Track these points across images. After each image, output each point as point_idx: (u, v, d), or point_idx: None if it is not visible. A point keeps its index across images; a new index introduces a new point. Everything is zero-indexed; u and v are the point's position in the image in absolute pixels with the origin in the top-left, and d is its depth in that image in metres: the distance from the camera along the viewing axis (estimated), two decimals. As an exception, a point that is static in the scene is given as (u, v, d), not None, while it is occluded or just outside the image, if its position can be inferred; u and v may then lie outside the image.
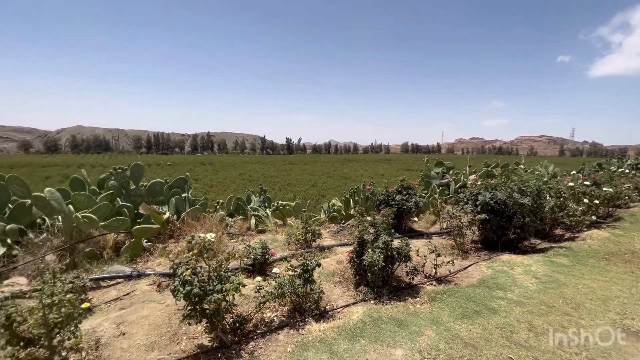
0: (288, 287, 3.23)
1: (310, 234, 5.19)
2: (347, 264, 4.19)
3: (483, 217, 5.07)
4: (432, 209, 7.40)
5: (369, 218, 4.30)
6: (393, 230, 4.28)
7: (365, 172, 41.29)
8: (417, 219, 7.27)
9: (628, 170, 11.40)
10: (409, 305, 3.51)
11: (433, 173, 8.91)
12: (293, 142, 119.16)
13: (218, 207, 6.31)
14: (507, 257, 5.02)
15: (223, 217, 5.84)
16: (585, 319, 3.21)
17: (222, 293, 2.66)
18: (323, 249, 5.10)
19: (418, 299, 3.66)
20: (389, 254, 3.75)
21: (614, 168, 11.97)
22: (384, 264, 3.69)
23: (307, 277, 3.25)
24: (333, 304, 3.62)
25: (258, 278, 3.25)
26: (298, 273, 3.24)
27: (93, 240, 4.97)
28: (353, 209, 7.58)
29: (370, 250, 3.76)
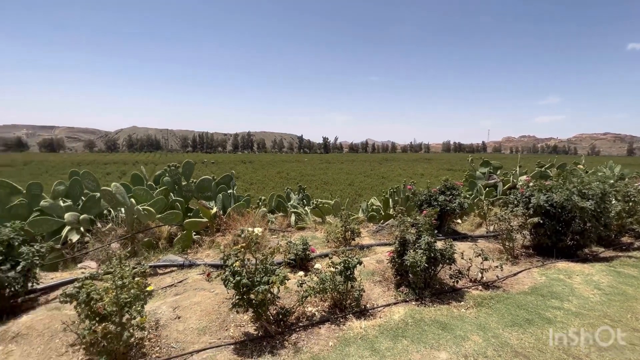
0: (329, 283, 3.30)
1: (350, 233, 5.21)
2: (387, 264, 4.16)
3: (536, 220, 4.74)
4: (477, 211, 7.05)
5: (410, 218, 4.23)
6: (436, 232, 4.17)
7: (404, 171, 40.26)
8: (460, 221, 6.97)
9: None
10: (453, 309, 3.40)
11: (478, 173, 8.46)
12: (330, 141, 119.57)
13: (260, 203, 6.57)
14: (563, 264, 4.65)
15: (265, 213, 6.08)
16: (659, 337, 2.89)
17: (268, 285, 2.79)
18: (362, 248, 5.10)
19: (463, 303, 3.54)
20: (432, 256, 3.66)
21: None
22: (427, 266, 3.61)
23: (348, 274, 3.28)
24: (373, 303, 3.62)
25: (300, 273, 3.36)
26: (339, 270, 3.29)
27: (150, 231, 5.44)
28: (392, 209, 7.47)
29: (412, 251, 3.70)
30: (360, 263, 3.37)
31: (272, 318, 3.16)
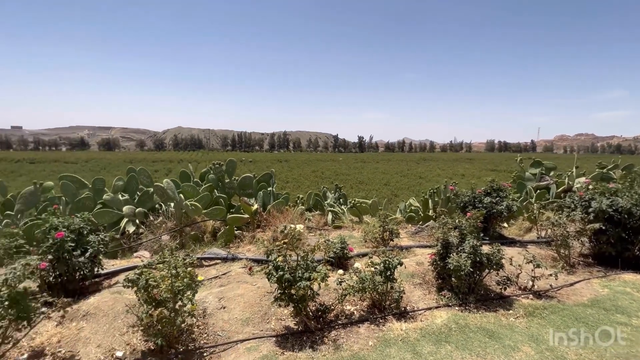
0: (369, 282, 3.28)
1: (388, 233, 5.13)
2: (428, 266, 4.04)
3: (597, 227, 4.32)
4: (526, 215, 6.59)
5: (455, 220, 4.06)
6: (482, 235, 3.97)
7: (443, 171, 38.69)
8: (507, 225, 6.56)
9: None
10: (501, 317, 3.22)
11: (528, 174, 7.89)
12: (365, 140, 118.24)
13: (298, 201, 6.69)
14: (630, 276, 4.19)
15: (303, 211, 6.19)
16: None
17: (309, 281, 2.84)
18: (401, 249, 5.00)
19: (512, 312, 3.33)
20: (478, 260, 3.49)
21: None
22: (471, 270, 3.45)
23: (388, 275, 3.24)
24: (413, 305, 3.54)
25: (340, 271, 3.38)
26: (379, 270, 3.26)
27: (196, 225, 5.79)
28: (432, 210, 7.22)
29: (455, 254, 3.55)
30: (401, 264, 3.31)
31: (311, 314, 3.22)
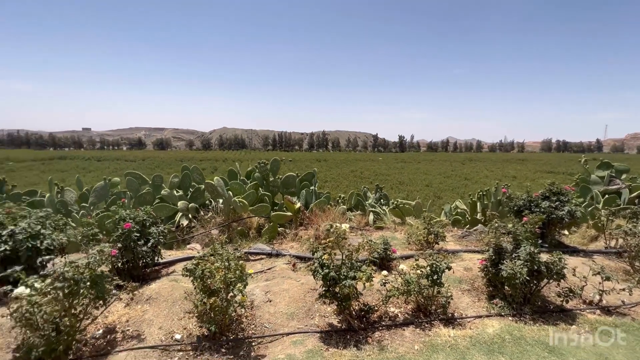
0: (414, 285, 3.20)
1: (433, 236, 4.96)
2: (478, 272, 3.84)
3: (682, 238, 3.79)
4: (591, 222, 5.97)
5: (509, 225, 3.81)
6: (540, 242, 3.68)
7: (491, 173, 36.30)
8: (567, 232, 5.99)
9: None
10: (563, 332, 2.97)
11: (594, 177, 7.12)
12: (406, 139, 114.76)
13: (340, 201, 6.72)
14: None
15: (345, 210, 6.20)
16: None
17: (354, 280, 2.85)
18: (447, 253, 4.81)
19: (574, 327, 3.05)
20: (535, 268, 3.24)
21: None
22: (528, 279, 3.22)
23: (435, 279, 3.14)
24: (461, 312, 3.39)
25: (384, 272, 3.34)
26: (426, 273, 3.17)
27: (243, 221, 6.07)
28: (480, 214, 6.84)
29: (509, 261, 3.34)
30: (449, 268, 3.19)
31: (354, 313, 3.23)
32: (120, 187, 6.91)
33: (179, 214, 6.18)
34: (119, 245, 3.72)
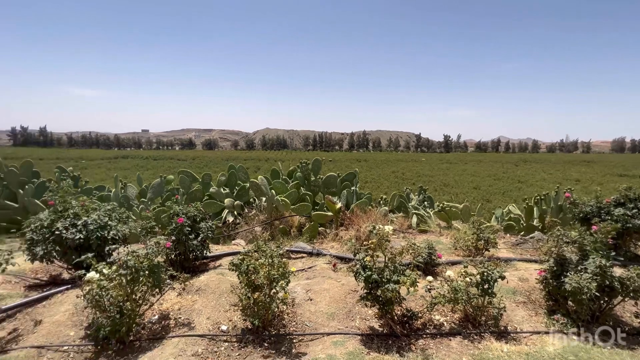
0: (462, 294, 3.02)
1: (483, 242, 4.64)
2: (535, 284, 3.52)
3: None
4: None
5: (572, 233, 3.44)
6: (613, 254, 3.26)
7: (550, 175, 33.16)
8: (646, 244, 5.25)
9: None
10: (641, 358, 2.60)
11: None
12: (452, 139, 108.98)
13: (381, 202, 6.58)
14: None
15: (386, 212, 6.06)
16: None
17: (397, 284, 2.77)
18: (499, 261, 4.47)
19: (656, 354, 2.66)
20: (607, 283, 2.88)
21: None
22: (597, 295, 2.87)
23: (486, 288, 2.94)
24: (515, 326, 3.13)
25: (429, 278, 3.19)
26: (476, 281, 2.98)
27: (285, 220, 6.20)
28: (537, 220, 6.27)
29: (574, 273, 3.01)
30: (503, 278, 2.96)
31: (397, 318, 3.13)
32: (174, 184, 7.45)
33: (226, 211, 6.50)
34: (173, 238, 4.00)
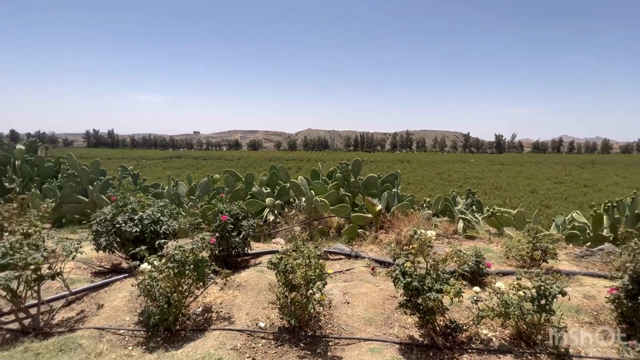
0: (515, 308, 2.75)
1: (541, 252, 4.21)
2: (605, 303, 3.09)
3: None
4: None
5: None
6: None
7: (624, 179, 29.29)
8: None
9: None
10: None
11: None
12: (505, 138, 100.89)
13: (425, 205, 6.30)
14: None
15: (430, 216, 5.78)
16: None
17: (440, 293, 2.60)
18: (560, 275, 4.01)
19: None
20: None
21: None
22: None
23: (543, 304, 2.64)
24: (579, 349, 2.78)
25: (476, 288, 2.96)
26: (530, 296, 2.69)
27: (323, 220, 6.21)
28: (607, 229, 5.54)
29: (656, 294, 2.58)
30: (563, 294, 2.64)
31: (439, 329, 2.95)
32: (220, 183, 7.84)
33: (267, 210, 6.68)
34: (217, 235, 4.19)
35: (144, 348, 2.82)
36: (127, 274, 4.07)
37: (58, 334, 2.96)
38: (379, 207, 5.61)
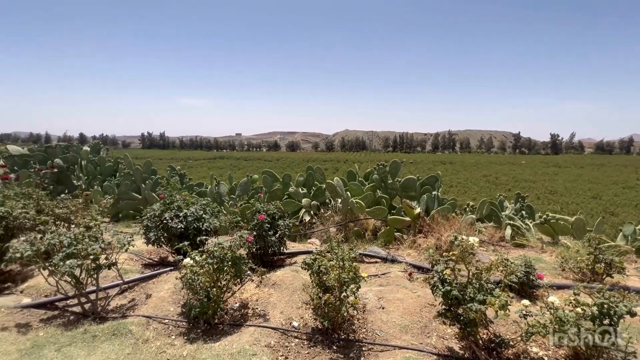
0: (571, 327, 2.47)
1: (604, 265, 3.76)
2: (686, 328, 2.66)
3: None
4: None
5: None
6: None
7: None
8: None
9: None
10: None
11: None
12: (562, 138, 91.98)
13: (467, 209, 5.94)
14: None
15: (473, 221, 5.43)
16: None
17: (483, 304, 2.42)
18: (628, 292, 3.55)
19: None
20: None
21: None
22: None
23: (608, 324, 2.34)
24: (651, 379, 2.42)
25: (524, 301, 2.71)
26: (591, 314, 2.40)
27: (359, 222, 6.12)
28: (690, 243, 4.79)
29: None
30: (633, 314, 2.32)
31: (482, 343, 2.75)
32: (258, 183, 8.09)
33: (303, 210, 6.75)
34: (254, 233, 4.31)
35: (185, 338, 2.97)
36: (172, 267, 4.34)
37: (112, 319, 3.24)
38: (418, 210, 5.40)
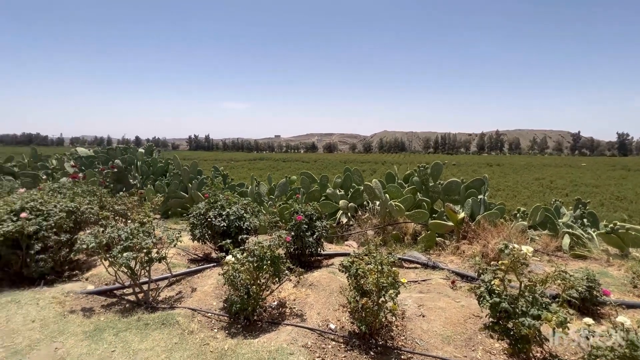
0: (645, 352, 2.17)
1: (687, 284, 3.25)
2: None
3: None
4: None
5: None
6: None
7: None
8: None
9: None
10: None
11: None
12: (631, 137, 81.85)
13: (518, 215, 5.50)
14: None
15: (525, 228, 5.01)
16: None
17: (538, 320, 2.22)
18: None
19: None
20: None
21: None
22: None
23: (693, 353, 2.02)
24: None
25: (587, 319, 2.43)
26: (672, 340, 2.08)
27: (398, 226, 5.95)
28: None
29: None
30: None
31: (535, 362, 2.52)
32: (296, 184, 8.21)
33: (340, 212, 6.72)
34: (292, 234, 4.37)
35: (227, 333, 3.09)
36: (215, 263, 4.55)
37: (161, 309, 3.47)
38: (462, 214, 5.11)
